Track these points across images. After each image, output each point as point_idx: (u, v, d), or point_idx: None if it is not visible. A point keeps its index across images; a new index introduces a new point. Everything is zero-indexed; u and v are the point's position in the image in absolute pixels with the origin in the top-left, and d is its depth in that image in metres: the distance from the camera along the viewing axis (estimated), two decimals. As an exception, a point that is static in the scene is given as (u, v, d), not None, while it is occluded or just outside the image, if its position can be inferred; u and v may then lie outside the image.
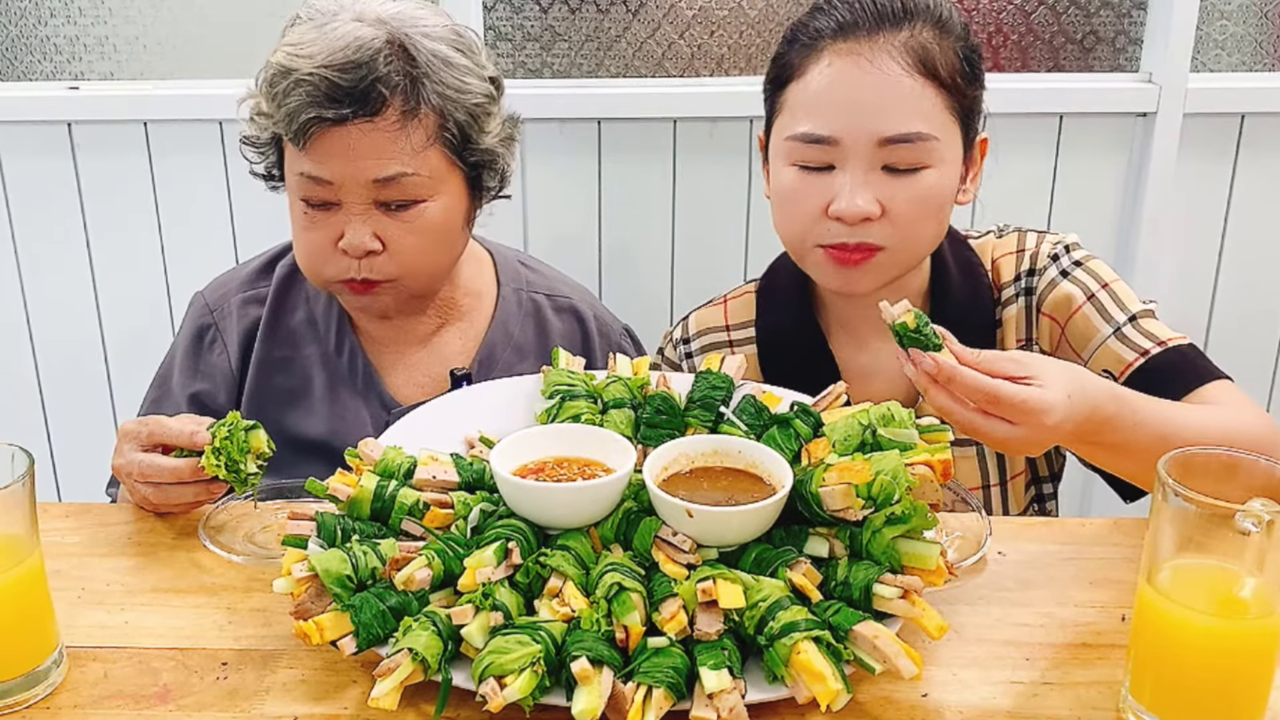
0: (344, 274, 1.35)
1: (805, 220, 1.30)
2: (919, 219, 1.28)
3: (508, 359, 1.50)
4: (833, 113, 1.26)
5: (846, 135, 1.26)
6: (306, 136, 1.29)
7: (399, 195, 1.32)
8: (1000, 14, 2.18)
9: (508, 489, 1.04)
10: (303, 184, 1.33)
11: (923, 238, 1.31)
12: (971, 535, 1.18)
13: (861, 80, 1.25)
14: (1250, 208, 2.25)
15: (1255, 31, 2.22)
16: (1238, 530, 0.86)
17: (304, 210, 1.35)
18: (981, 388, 1.02)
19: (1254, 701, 0.90)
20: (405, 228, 1.34)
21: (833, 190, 1.27)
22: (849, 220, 1.26)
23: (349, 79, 1.27)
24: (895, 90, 1.25)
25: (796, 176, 1.30)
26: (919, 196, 1.27)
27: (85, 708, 0.96)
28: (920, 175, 1.27)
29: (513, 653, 0.90)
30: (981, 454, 1.39)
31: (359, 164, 1.30)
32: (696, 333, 1.50)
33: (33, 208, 2.26)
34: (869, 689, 0.96)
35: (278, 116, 1.31)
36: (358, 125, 1.29)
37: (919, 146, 1.25)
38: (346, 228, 1.32)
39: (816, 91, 1.28)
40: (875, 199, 1.26)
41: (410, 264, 1.35)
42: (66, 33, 2.21)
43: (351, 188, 1.31)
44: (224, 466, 1.16)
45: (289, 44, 1.31)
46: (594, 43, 2.19)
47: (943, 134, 1.27)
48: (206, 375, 1.49)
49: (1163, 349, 1.29)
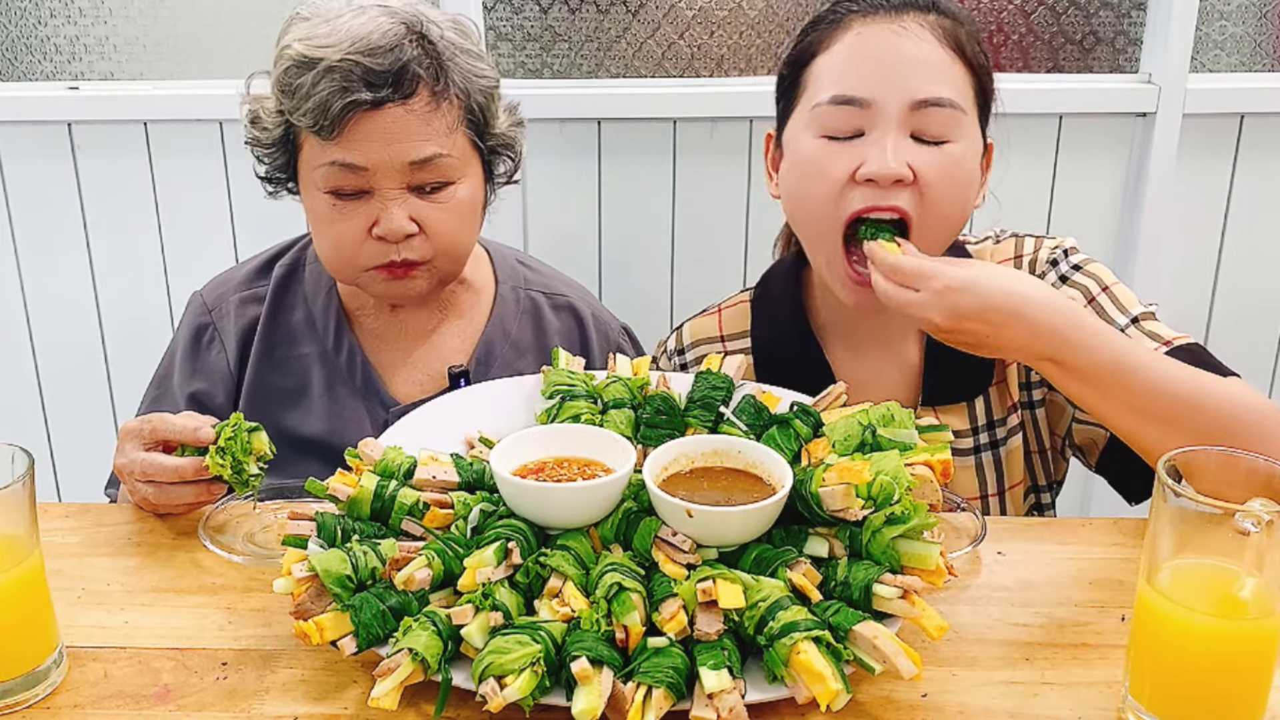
0: (379, 259, 1.35)
1: (831, 190, 1.26)
2: (948, 191, 1.26)
3: (506, 356, 1.50)
4: (866, 74, 1.25)
5: (879, 96, 1.24)
6: (341, 124, 1.29)
7: (433, 177, 1.34)
8: (1000, 14, 2.19)
9: (508, 489, 1.04)
10: (333, 174, 1.32)
11: (950, 215, 1.28)
12: (964, 531, 1.18)
13: (895, 43, 1.25)
14: (1249, 208, 2.25)
15: (1255, 32, 2.22)
16: (1238, 530, 0.86)
17: (332, 203, 1.34)
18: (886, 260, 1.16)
19: (1253, 701, 0.90)
20: (440, 209, 1.35)
21: (862, 155, 1.24)
22: (883, 182, 1.23)
23: (382, 63, 1.28)
24: (929, 55, 1.25)
25: (822, 146, 1.27)
26: (949, 167, 1.25)
27: (85, 708, 0.96)
28: (945, 148, 1.25)
29: (513, 653, 0.90)
30: (980, 464, 1.39)
31: (396, 147, 1.31)
32: (691, 343, 1.49)
33: (33, 208, 2.26)
34: (869, 689, 0.96)
35: (304, 109, 1.30)
36: (393, 109, 1.30)
37: (950, 115, 1.24)
38: (381, 214, 1.33)
39: (848, 57, 1.27)
40: (906, 162, 1.24)
41: (446, 245, 1.37)
42: (66, 33, 2.21)
43: (386, 173, 1.31)
44: (229, 467, 1.16)
45: (301, 38, 1.30)
46: (594, 43, 2.19)
47: (970, 111, 1.27)
48: (204, 374, 1.49)
49: (1169, 349, 1.28)
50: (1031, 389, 1.38)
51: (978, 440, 1.38)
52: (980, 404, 1.38)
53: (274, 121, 1.37)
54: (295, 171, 1.40)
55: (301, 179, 1.39)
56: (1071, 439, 1.38)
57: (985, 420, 1.38)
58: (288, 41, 1.32)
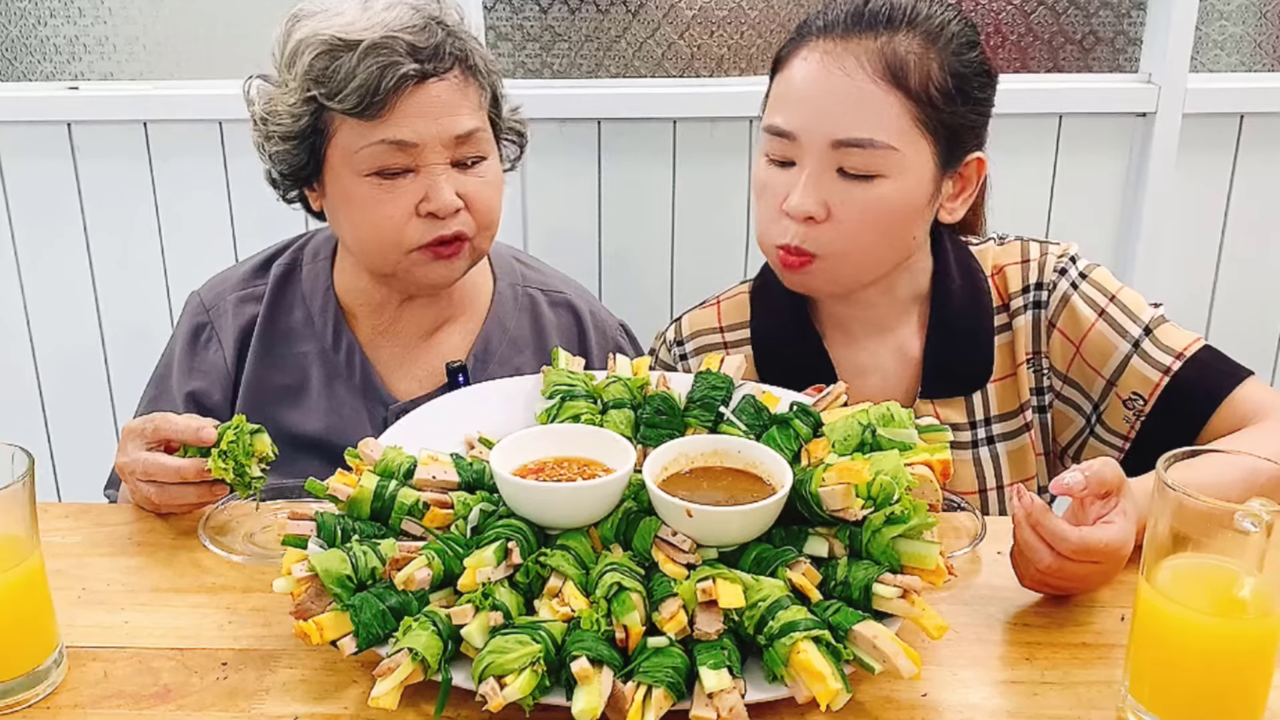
0: (429, 235, 1.36)
1: (769, 214, 1.31)
2: (865, 227, 1.27)
3: (504, 352, 1.50)
4: (796, 108, 1.27)
5: (804, 132, 1.26)
6: (391, 100, 1.31)
7: (474, 151, 1.37)
8: (1000, 14, 2.19)
9: (508, 489, 1.04)
10: (380, 153, 1.33)
11: (870, 248, 1.30)
12: (964, 531, 1.18)
13: (825, 79, 1.26)
14: (1249, 207, 2.26)
15: (1254, 32, 2.22)
16: (1237, 530, 0.86)
17: (377, 183, 1.34)
18: (1067, 537, 1.01)
19: (1253, 701, 0.90)
20: (480, 183, 1.38)
21: (790, 186, 1.28)
22: (795, 217, 1.27)
23: (420, 39, 1.32)
24: (855, 94, 1.24)
25: (766, 169, 1.32)
26: (869, 205, 1.26)
27: (85, 708, 0.96)
28: (874, 184, 1.26)
29: (513, 652, 0.90)
30: (978, 458, 1.40)
31: (443, 121, 1.33)
32: (690, 334, 1.49)
33: (33, 208, 2.26)
34: (869, 689, 0.96)
35: (346, 91, 1.30)
36: (436, 84, 1.33)
37: (873, 154, 1.24)
38: (430, 190, 1.34)
39: (789, 86, 1.29)
40: (822, 201, 1.26)
41: (487, 219, 1.40)
42: (66, 33, 2.21)
43: (434, 147, 1.34)
44: (231, 469, 1.16)
45: (325, 27, 1.32)
46: (594, 43, 2.19)
47: (905, 146, 1.25)
48: (202, 373, 1.49)
49: (1183, 362, 1.31)
50: (1043, 393, 1.39)
51: (975, 435, 1.39)
52: (979, 398, 1.38)
53: (298, 113, 1.35)
54: (319, 164, 1.38)
55: (332, 168, 1.37)
56: (1077, 458, 1.39)
57: (984, 415, 1.38)
58: (305, 34, 1.33)
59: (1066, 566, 1.02)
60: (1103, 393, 1.35)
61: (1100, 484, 1.03)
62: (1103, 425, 1.36)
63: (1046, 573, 1.03)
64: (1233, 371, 1.31)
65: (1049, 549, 1.02)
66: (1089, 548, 1.01)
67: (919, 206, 1.30)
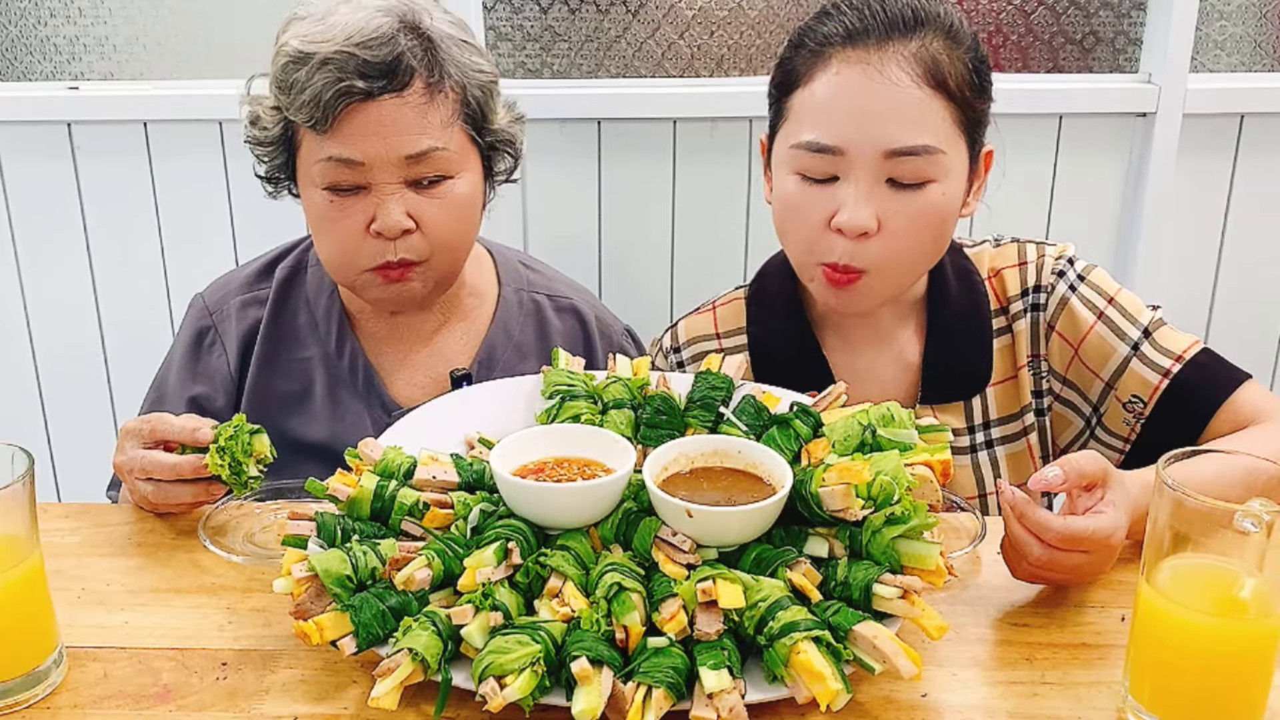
0: (378, 259, 1.34)
1: (809, 233, 1.28)
2: (915, 236, 1.26)
3: (508, 359, 1.49)
4: (839, 122, 1.24)
5: (852, 146, 1.23)
6: (335, 116, 1.29)
7: (430, 170, 1.33)
8: (1000, 14, 2.19)
9: (507, 489, 1.04)
10: (329, 169, 1.32)
11: (918, 255, 1.29)
12: (964, 531, 1.18)
13: (870, 90, 1.23)
14: (1249, 208, 2.25)
15: (1254, 32, 2.22)
16: (1237, 530, 0.86)
17: (329, 199, 1.33)
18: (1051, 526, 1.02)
19: (1253, 701, 0.90)
20: (437, 204, 1.34)
21: (836, 202, 1.25)
22: (849, 234, 1.24)
23: (375, 55, 1.28)
24: (904, 101, 1.22)
25: (800, 187, 1.27)
26: (920, 212, 1.25)
27: (85, 708, 0.96)
28: (924, 190, 1.24)
29: (513, 653, 0.90)
30: (976, 463, 1.40)
31: (391, 140, 1.30)
32: (687, 341, 1.48)
33: (33, 208, 2.26)
34: (869, 689, 0.96)
35: (299, 103, 1.29)
36: (388, 101, 1.29)
37: (926, 160, 1.23)
38: (378, 210, 1.32)
39: (823, 100, 1.25)
40: (875, 214, 1.24)
41: (443, 241, 1.36)
42: (66, 33, 2.21)
43: (383, 166, 1.31)
44: (227, 466, 1.16)
45: (298, 35, 1.30)
46: (594, 43, 2.19)
47: (950, 147, 1.25)
48: (205, 378, 1.49)
49: (1183, 365, 1.31)
50: (1042, 396, 1.39)
51: (974, 439, 1.39)
52: (978, 402, 1.38)
53: (273, 120, 1.37)
54: (295, 171, 1.40)
55: (300, 178, 1.38)
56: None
57: (983, 419, 1.38)
58: (285, 39, 1.32)
59: (1056, 557, 1.03)
60: (1102, 395, 1.35)
61: (1080, 476, 1.04)
62: (1102, 427, 1.36)
63: (1037, 565, 1.04)
64: (1231, 374, 1.31)
65: (1038, 540, 1.03)
66: (1074, 536, 1.01)
67: (957, 207, 1.29)
